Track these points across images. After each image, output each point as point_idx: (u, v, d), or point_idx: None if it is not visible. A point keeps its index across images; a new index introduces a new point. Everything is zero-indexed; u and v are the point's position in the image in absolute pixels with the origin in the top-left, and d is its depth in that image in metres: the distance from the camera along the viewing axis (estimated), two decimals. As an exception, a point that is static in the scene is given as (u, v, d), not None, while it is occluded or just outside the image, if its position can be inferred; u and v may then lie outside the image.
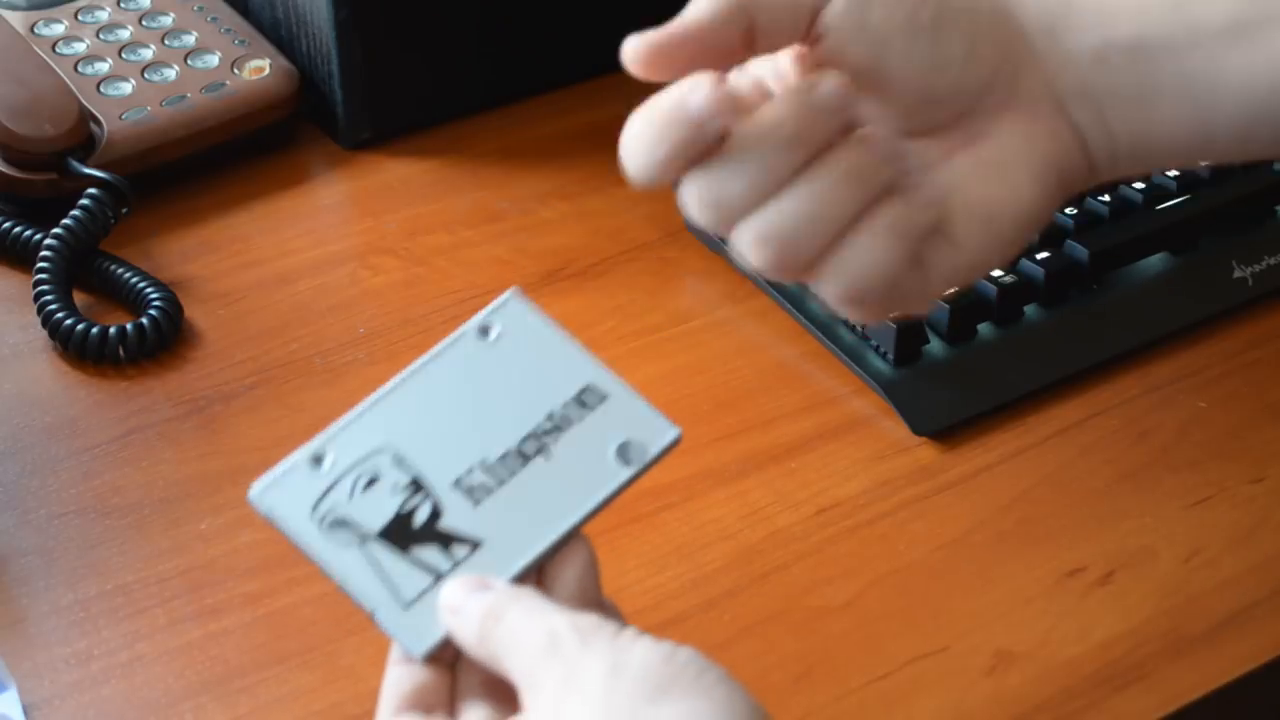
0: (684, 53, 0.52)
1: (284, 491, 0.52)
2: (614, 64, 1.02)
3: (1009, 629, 0.65)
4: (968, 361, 0.75)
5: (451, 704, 0.51)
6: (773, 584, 0.67)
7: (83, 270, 0.79)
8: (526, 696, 0.48)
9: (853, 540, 0.68)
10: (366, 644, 0.64)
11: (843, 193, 0.49)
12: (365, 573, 0.51)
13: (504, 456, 0.53)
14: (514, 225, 0.85)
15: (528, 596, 0.50)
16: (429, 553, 0.51)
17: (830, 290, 0.51)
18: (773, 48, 0.51)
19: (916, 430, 0.73)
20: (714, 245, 0.82)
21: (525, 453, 0.53)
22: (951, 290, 0.52)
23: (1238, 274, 0.80)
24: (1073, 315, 0.77)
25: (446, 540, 0.51)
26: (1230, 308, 0.79)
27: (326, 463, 0.52)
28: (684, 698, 0.46)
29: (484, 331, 0.55)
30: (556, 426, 0.53)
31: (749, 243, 0.50)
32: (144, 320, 0.76)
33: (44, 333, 0.77)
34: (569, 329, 0.56)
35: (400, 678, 0.51)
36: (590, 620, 0.48)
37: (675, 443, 0.54)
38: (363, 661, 0.64)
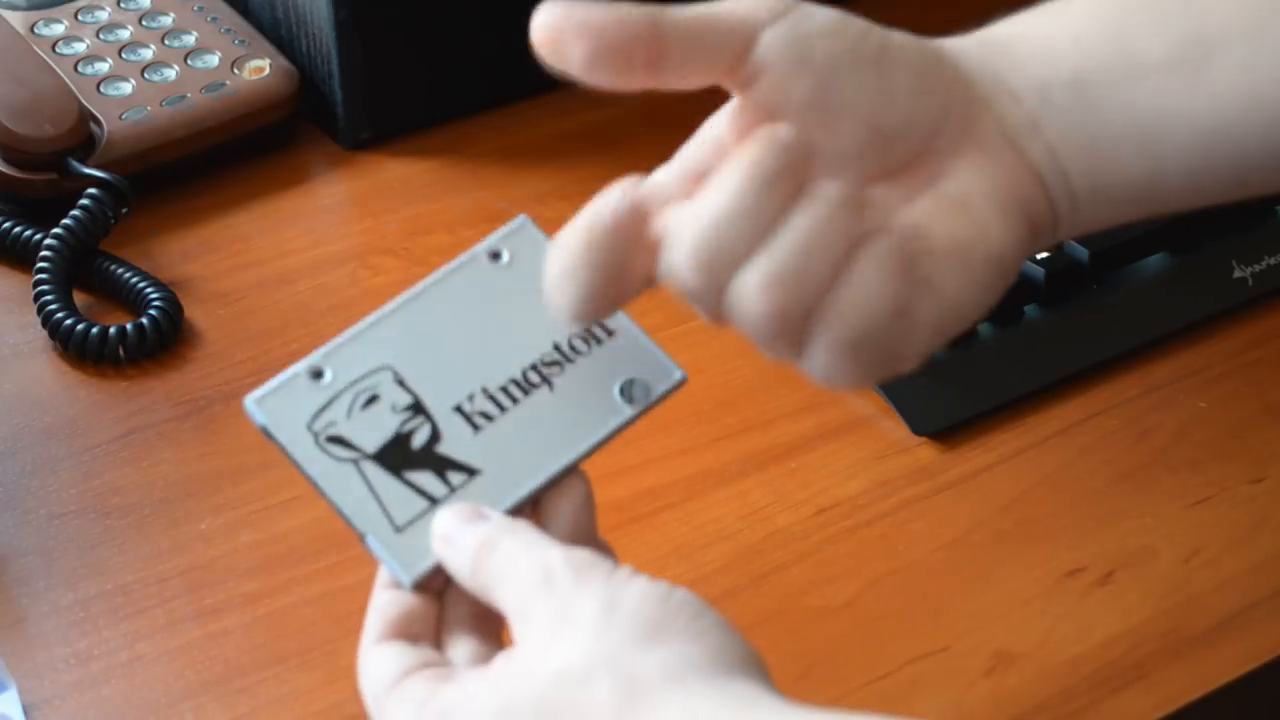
0: (583, 41, 0.53)
1: (281, 403, 0.51)
2: (614, 64, 1.01)
3: (1009, 629, 0.65)
4: (968, 361, 0.75)
5: (438, 634, 0.50)
6: (772, 584, 0.67)
7: (83, 270, 0.79)
8: (517, 629, 0.48)
9: (852, 540, 0.68)
10: (366, 644, 0.64)
11: (837, 224, 0.48)
12: (358, 493, 0.50)
13: (507, 384, 0.52)
14: (514, 225, 0.85)
15: (523, 529, 0.49)
16: (425, 478, 0.50)
17: (830, 338, 0.49)
18: (686, 76, 0.52)
19: (916, 430, 0.73)
20: (714, 245, 0.81)
21: (529, 382, 0.52)
22: (938, 341, 0.51)
23: (1238, 274, 0.80)
24: (1073, 315, 0.77)
25: (443, 466, 0.50)
26: (1230, 308, 0.79)
27: (326, 377, 0.51)
28: (677, 640, 0.46)
29: (494, 256, 0.54)
30: (562, 358, 0.53)
31: (758, 287, 0.48)
32: (144, 320, 0.76)
33: (44, 333, 0.77)
34: (569, 329, 0.56)
35: (386, 603, 0.50)
36: (586, 556, 0.48)
37: (679, 385, 0.53)
38: (363, 661, 0.64)
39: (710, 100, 0.97)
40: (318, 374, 0.51)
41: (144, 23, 0.89)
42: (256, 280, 0.81)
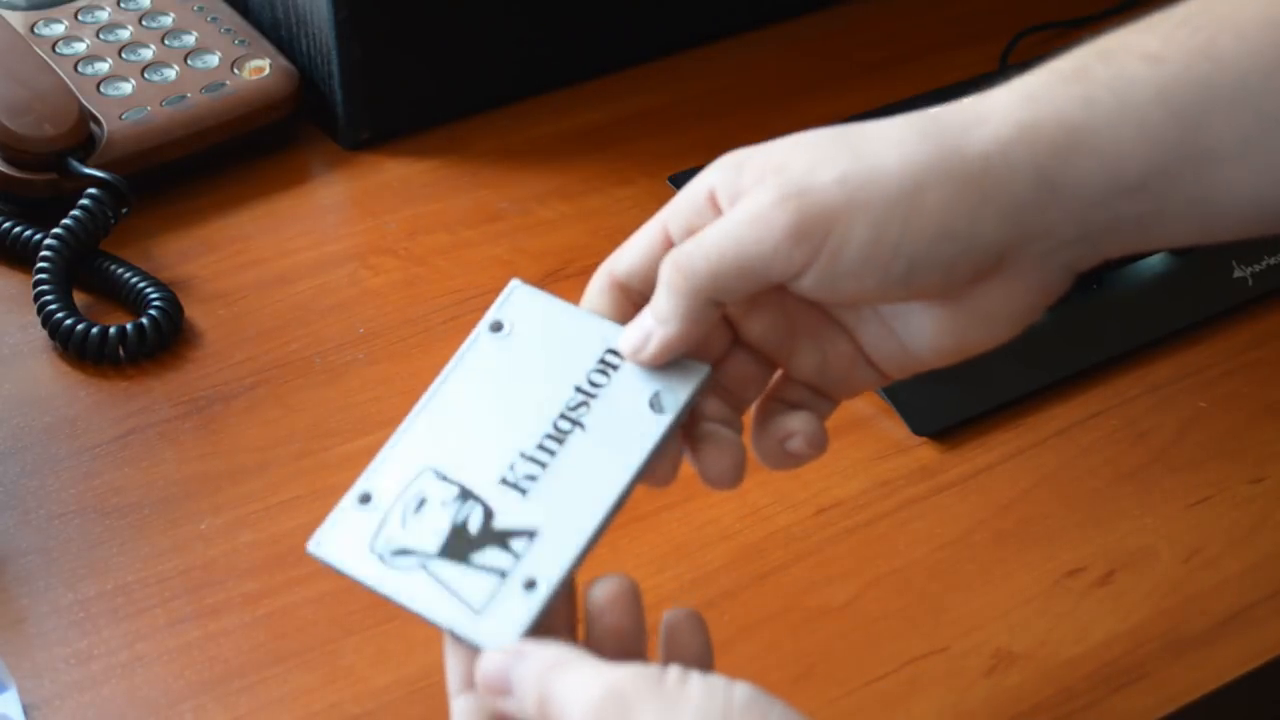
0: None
1: (339, 537, 0.51)
2: (614, 64, 1.03)
3: (1009, 629, 0.65)
4: (968, 361, 0.74)
5: None
6: (772, 584, 0.67)
7: (83, 270, 0.79)
8: None
9: (853, 540, 0.68)
10: (366, 644, 0.64)
11: None
12: (434, 593, 0.50)
13: (541, 441, 0.52)
14: (514, 225, 0.85)
15: (563, 661, 0.48)
16: (490, 555, 0.51)
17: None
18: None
19: (916, 430, 0.73)
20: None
21: (561, 431, 0.52)
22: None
23: (1238, 274, 0.80)
24: (1073, 315, 0.77)
25: (504, 538, 0.51)
26: (1230, 308, 0.79)
27: (373, 500, 0.52)
28: None
29: (496, 328, 0.55)
30: (586, 398, 0.53)
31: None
32: (144, 320, 0.76)
33: (44, 333, 0.77)
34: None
35: (464, 655, 0.50)
36: (631, 675, 0.47)
37: (707, 379, 0.53)
38: (363, 661, 0.64)
39: (707, 102, 0.97)
40: (365, 499, 0.52)
41: (144, 23, 0.89)
42: (256, 280, 0.81)
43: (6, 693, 0.62)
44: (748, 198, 0.51)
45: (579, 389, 0.53)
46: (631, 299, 0.54)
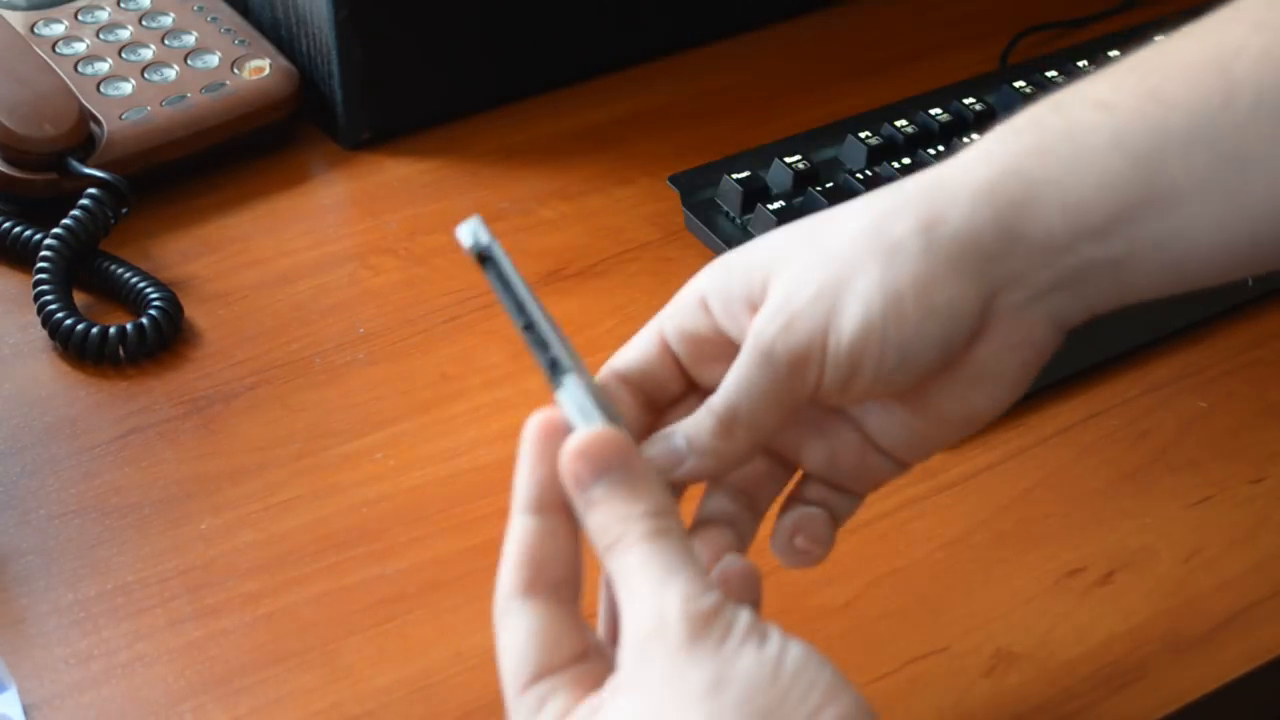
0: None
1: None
2: (614, 64, 1.03)
3: (1009, 629, 0.65)
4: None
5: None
6: (773, 584, 0.67)
7: (83, 270, 0.79)
8: (625, 670, 0.47)
9: (853, 540, 0.68)
10: (366, 644, 0.64)
11: None
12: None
13: None
14: (514, 225, 0.85)
15: (653, 526, 0.48)
16: None
17: None
18: None
19: (916, 430, 0.73)
20: (714, 245, 0.82)
21: None
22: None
23: (1238, 274, 0.80)
24: (1073, 315, 0.77)
25: None
26: (1230, 308, 0.79)
27: None
28: None
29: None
30: None
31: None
32: (144, 320, 0.76)
33: (44, 333, 0.77)
34: (568, 329, 0.56)
35: (541, 475, 0.50)
36: (702, 611, 0.46)
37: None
38: (363, 661, 0.64)
39: (707, 102, 0.97)
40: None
41: (144, 23, 0.89)
42: (256, 280, 0.81)
43: (6, 693, 0.62)
44: (750, 334, 0.52)
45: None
46: (637, 394, 0.55)
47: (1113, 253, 0.51)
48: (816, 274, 0.51)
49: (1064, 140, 0.51)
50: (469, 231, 0.53)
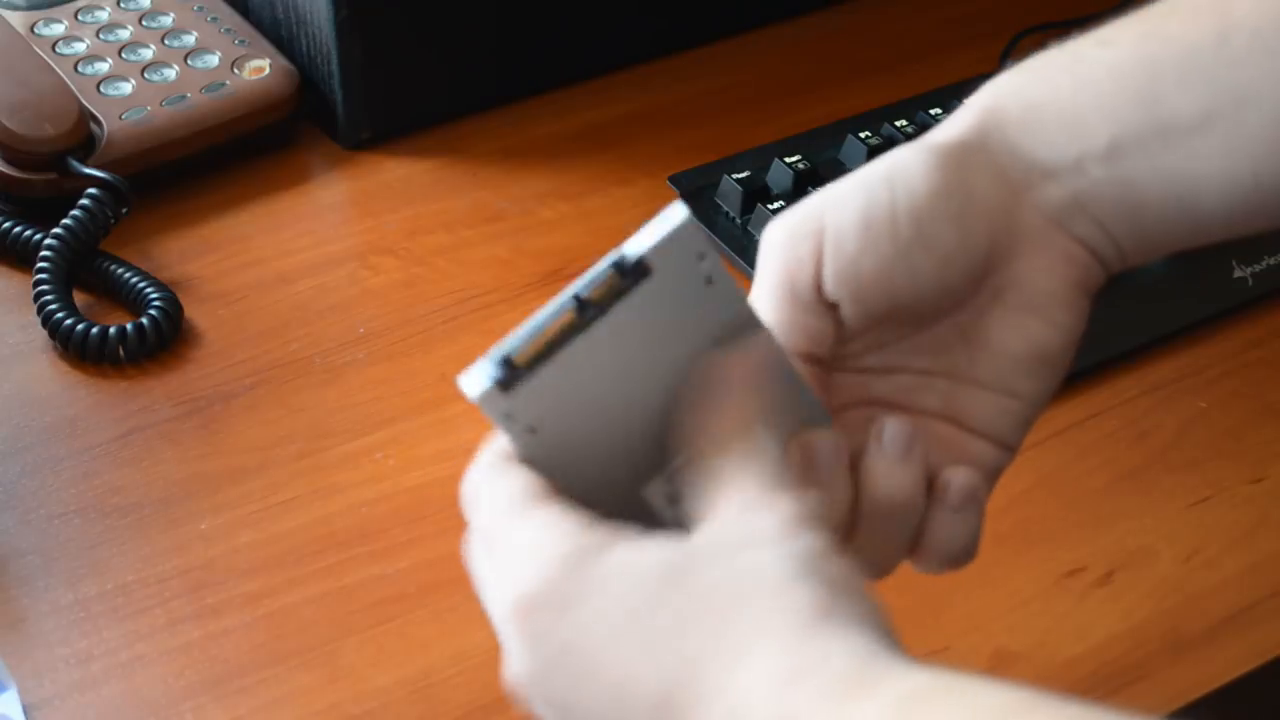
0: None
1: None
2: (614, 64, 1.03)
3: (1008, 629, 0.65)
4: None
5: None
6: (772, 584, 0.67)
7: (83, 270, 0.79)
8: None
9: (852, 540, 0.68)
10: (366, 644, 0.64)
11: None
12: None
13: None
14: (514, 225, 0.85)
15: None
16: None
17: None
18: None
19: (916, 430, 0.73)
20: (714, 245, 0.82)
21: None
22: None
23: (1238, 274, 0.80)
24: (1073, 315, 0.77)
25: None
26: (1230, 308, 0.79)
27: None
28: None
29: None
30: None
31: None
32: (144, 320, 0.76)
33: (44, 333, 0.77)
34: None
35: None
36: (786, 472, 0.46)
37: (686, 222, 0.46)
38: (363, 661, 0.64)
39: (707, 102, 0.97)
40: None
41: (144, 23, 0.89)
42: (256, 280, 0.81)
43: (6, 693, 0.62)
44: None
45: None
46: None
47: (1121, 175, 0.52)
48: (829, 190, 0.51)
49: (1064, 71, 0.53)
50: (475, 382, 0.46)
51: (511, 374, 0.44)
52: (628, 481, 0.47)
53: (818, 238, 0.50)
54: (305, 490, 0.71)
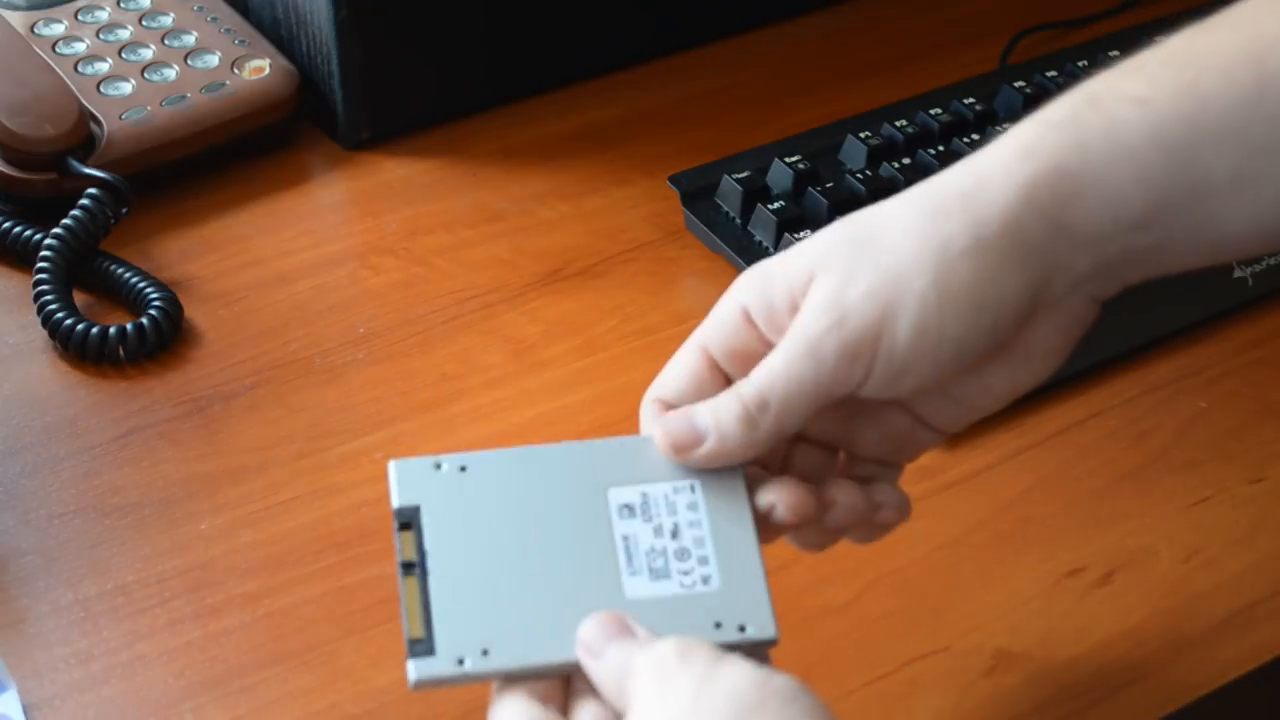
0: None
1: None
2: (614, 64, 1.03)
3: (1009, 629, 0.65)
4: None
5: (565, 698, 0.51)
6: (772, 584, 0.66)
7: (83, 270, 0.79)
8: (629, 713, 0.49)
9: (852, 540, 0.68)
10: (366, 644, 0.64)
11: None
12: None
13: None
14: (514, 225, 0.85)
15: (656, 646, 0.49)
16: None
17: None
18: None
19: (916, 430, 0.73)
20: (714, 245, 0.82)
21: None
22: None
23: (1238, 274, 0.80)
24: (1073, 315, 0.77)
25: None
26: (1230, 308, 0.79)
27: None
28: None
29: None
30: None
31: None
32: (144, 320, 0.76)
33: (44, 333, 0.77)
34: (569, 329, 0.56)
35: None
36: (695, 642, 0.49)
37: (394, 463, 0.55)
38: (363, 661, 0.64)
39: (707, 102, 0.97)
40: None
41: (144, 23, 0.89)
42: (256, 280, 0.81)
43: (6, 693, 0.62)
44: (795, 328, 0.52)
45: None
46: None
47: (1152, 240, 0.52)
48: (866, 272, 0.52)
49: (1102, 137, 0.52)
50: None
51: (421, 645, 0.51)
52: (608, 601, 0.52)
53: (871, 357, 0.52)
54: (305, 490, 0.71)
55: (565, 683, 0.51)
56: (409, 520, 0.53)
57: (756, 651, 0.52)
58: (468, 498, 0.53)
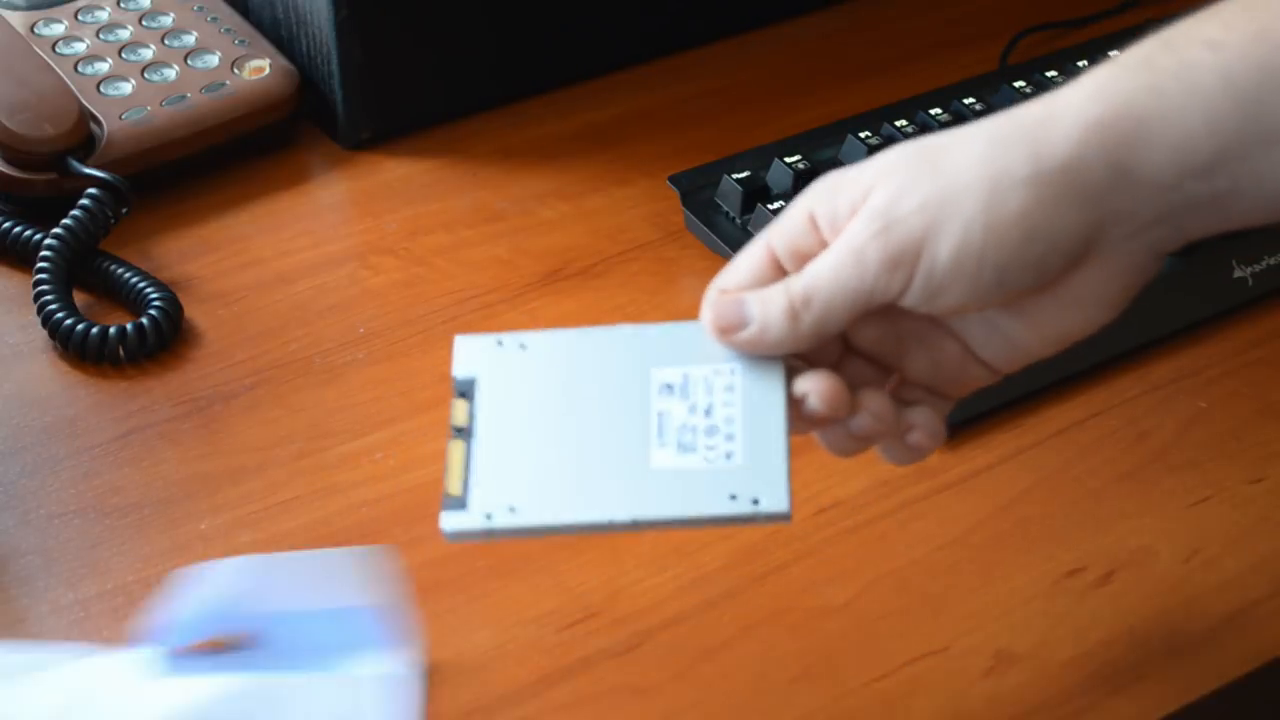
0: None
1: None
2: (614, 64, 1.03)
3: (1008, 629, 0.65)
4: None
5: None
6: (772, 584, 0.67)
7: (83, 270, 0.79)
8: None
9: (853, 540, 0.68)
10: (366, 644, 0.64)
11: None
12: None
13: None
14: (514, 225, 0.85)
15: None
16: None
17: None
18: None
19: (916, 430, 0.73)
20: (714, 245, 0.82)
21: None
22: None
23: (1238, 274, 0.80)
24: (1073, 315, 0.77)
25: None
26: (1230, 308, 0.79)
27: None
28: None
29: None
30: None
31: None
32: (144, 320, 0.76)
33: (44, 333, 0.77)
34: (568, 329, 0.56)
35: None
36: None
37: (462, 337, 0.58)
38: (362, 661, 0.64)
39: (707, 102, 0.97)
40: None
41: (144, 23, 0.89)
42: (256, 280, 0.81)
43: (399, 654, 0.62)
44: (844, 233, 0.54)
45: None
46: None
47: (1217, 188, 0.52)
48: (923, 187, 0.53)
49: (1174, 79, 0.52)
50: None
51: (455, 501, 0.54)
52: (633, 469, 0.54)
53: (911, 268, 0.53)
54: (305, 490, 0.71)
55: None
56: (466, 390, 0.56)
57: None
58: (523, 372, 0.56)
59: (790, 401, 0.55)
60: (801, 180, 0.82)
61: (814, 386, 0.54)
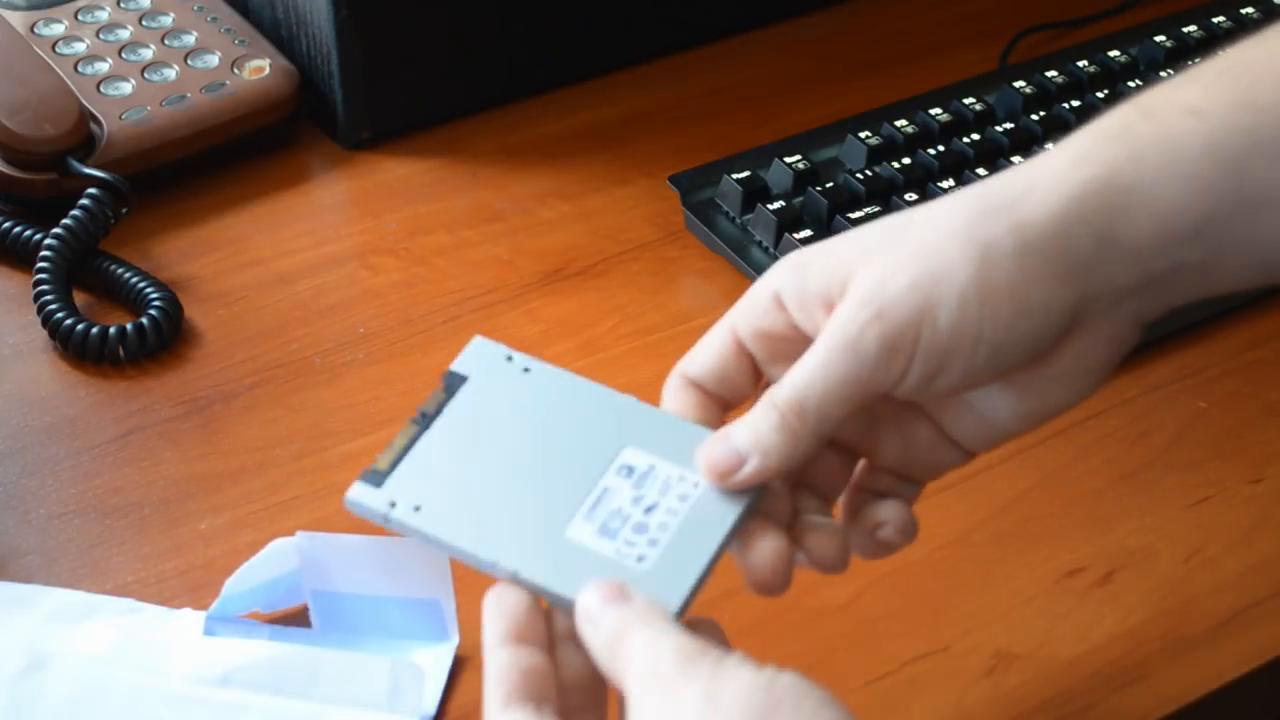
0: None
1: None
2: (614, 64, 1.03)
3: (1009, 629, 0.65)
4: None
5: (558, 693, 0.50)
6: (772, 584, 0.67)
7: (83, 270, 0.79)
8: (629, 716, 0.48)
9: (852, 540, 0.68)
10: (366, 644, 0.64)
11: None
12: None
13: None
14: (514, 225, 0.85)
15: (653, 617, 0.49)
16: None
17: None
18: None
19: (916, 430, 0.73)
20: (714, 245, 0.82)
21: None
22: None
23: (1238, 274, 0.80)
24: (1073, 315, 0.77)
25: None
26: (1230, 308, 0.79)
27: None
28: None
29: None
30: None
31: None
32: (144, 320, 0.76)
33: (44, 333, 0.77)
34: (569, 329, 0.56)
35: (505, 666, 0.50)
36: (694, 646, 0.48)
37: (479, 339, 0.57)
38: (362, 661, 0.64)
39: (707, 102, 0.97)
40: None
41: (144, 23, 0.89)
42: (256, 280, 0.81)
43: (445, 644, 0.63)
44: (829, 326, 0.52)
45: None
46: (709, 397, 0.55)
47: (1200, 255, 0.52)
48: (908, 267, 0.51)
49: (1156, 146, 0.51)
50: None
51: (373, 476, 0.54)
52: (546, 527, 0.53)
53: (910, 352, 0.51)
54: (305, 490, 0.71)
55: (554, 679, 0.51)
56: (451, 385, 0.56)
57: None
58: (511, 393, 0.56)
59: (732, 537, 0.53)
60: (801, 180, 0.82)
61: (760, 555, 0.53)
